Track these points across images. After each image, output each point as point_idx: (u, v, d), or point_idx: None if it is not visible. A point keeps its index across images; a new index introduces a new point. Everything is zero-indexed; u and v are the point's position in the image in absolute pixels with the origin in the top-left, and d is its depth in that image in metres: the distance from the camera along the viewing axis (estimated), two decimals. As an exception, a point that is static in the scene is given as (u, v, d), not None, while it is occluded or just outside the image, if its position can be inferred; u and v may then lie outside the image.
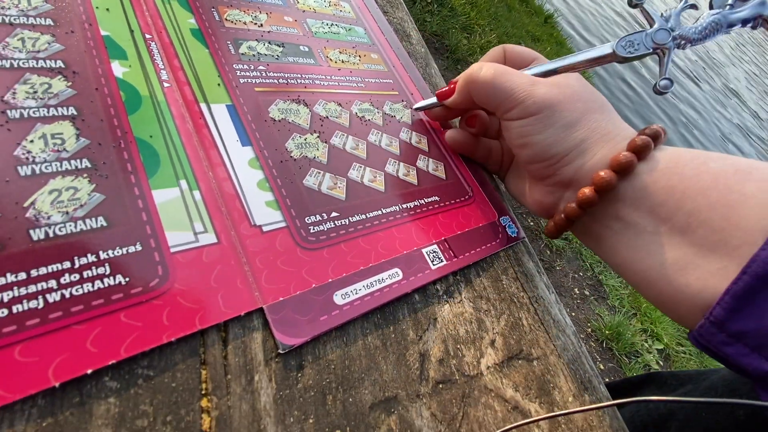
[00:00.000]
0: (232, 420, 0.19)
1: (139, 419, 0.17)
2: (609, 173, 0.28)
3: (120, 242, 0.20)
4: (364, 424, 0.21)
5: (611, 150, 0.29)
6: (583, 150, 0.30)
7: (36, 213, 0.19)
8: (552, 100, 0.30)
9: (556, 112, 0.30)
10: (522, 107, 0.30)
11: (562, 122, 0.30)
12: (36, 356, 0.16)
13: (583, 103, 0.30)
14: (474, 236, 0.33)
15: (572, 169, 0.30)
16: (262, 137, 0.28)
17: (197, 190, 0.23)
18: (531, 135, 0.31)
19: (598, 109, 0.31)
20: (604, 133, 0.30)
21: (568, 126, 0.30)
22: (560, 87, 0.30)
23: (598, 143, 0.30)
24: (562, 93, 0.30)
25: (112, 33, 0.26)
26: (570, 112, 0.30)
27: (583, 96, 0.31)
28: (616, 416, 0.31)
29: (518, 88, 0.30)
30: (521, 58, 0.37)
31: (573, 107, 0.30)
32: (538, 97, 0.30)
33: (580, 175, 0.30)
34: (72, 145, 0.21)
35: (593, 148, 0.30)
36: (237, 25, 0.33)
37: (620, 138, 0.30)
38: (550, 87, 0.30)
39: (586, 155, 0.30)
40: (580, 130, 0.30)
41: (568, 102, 0.30)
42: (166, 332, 0.19)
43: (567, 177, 0.31)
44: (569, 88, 0.31)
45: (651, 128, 0.29)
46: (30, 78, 0.22)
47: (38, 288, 0.17)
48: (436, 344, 0.26)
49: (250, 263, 0.23)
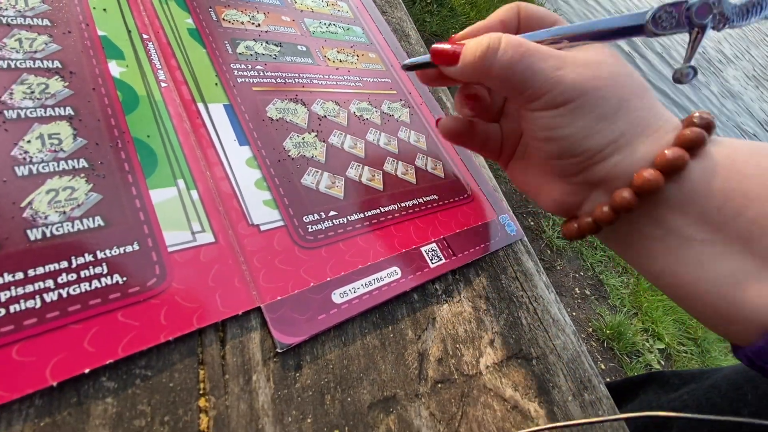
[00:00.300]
0: (230, 420, 0.19)
1: (136, 419, 0.17)
2: (654, 173, 0.24)
3: (117, 242, 0.20)
4: (362, 424, 0.21)
5: (656, 145, 0.25)
6: (622, 145, 0.26)
7: (33, 213, 0.19)
8: (585, 87, 0.25)
9: (591, 101, 0.25)
10: (549, 97, 0.26)
11: (597, 112, 0.25)
12: (33, 356, 0.16)
13: (621, 88, 0.26)
14: (473, 235, 0.32)
15: (606, 167, 0.26)
16: (260, 136, 0.28)
17: (195, 189, 0.23)
18: (559, 128, 0.26)
19: (638, 95, 0.26)
20: (646, 124, 0.26)
21: (604, 117, 0.25)
22: (594, 68, 0.26)
23: (640, 137, 0.26)
24: (596, 77, 0.25)
25: (109, 33, 0.26)
26: (606, 100, 0.25)
27: (621, 79, 0.26)
28: (616, 415, 0.31)
29: (544, 74, 0.26)
30: (539, 22, 0.30)
31: (610, 94, 0.25)
32: (568, 84, 0.25)
33: (615, 174, 0.26)
34: (69, 145, 0.21)
35: (634, 143, 0.25)
36: (234, 25, 0.33)
37: (665, 130, 0.25)
38: (583, 68, 0.25)
39: (624, 151, 0.26)
40: (619, 121, 0.25)
41: (604, 88, 0.25)
42: (164, 331, 0.19)
43: (599, 176, 0.27)
44: (605, 69, 0.26)
45: (701, 116, 0.25)
46: (27, 78, 0.22)
47: (36, 288, 0.17)
48: (435, 344, 0.26)
49: (247, 262, 0.22)
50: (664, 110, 0.27)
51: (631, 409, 0.47)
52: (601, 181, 0.27)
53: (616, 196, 0.25)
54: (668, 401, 0.43)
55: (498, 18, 0.30)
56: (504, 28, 0.30)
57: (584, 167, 0.27)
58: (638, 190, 0.24)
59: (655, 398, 0.46)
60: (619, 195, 0.25)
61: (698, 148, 0.24)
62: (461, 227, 0.32)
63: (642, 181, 0.24)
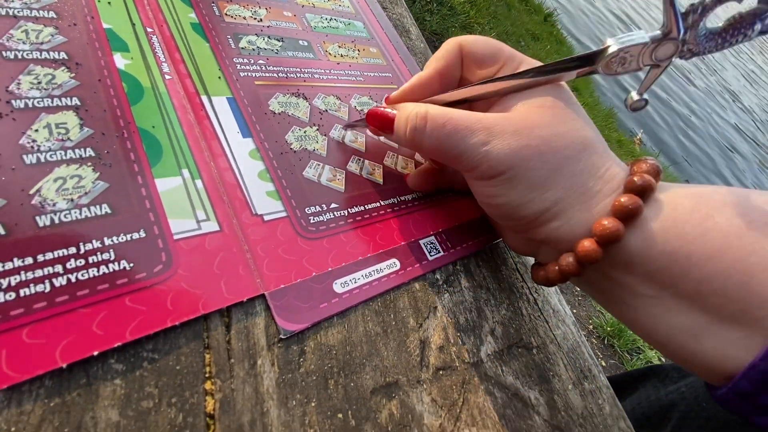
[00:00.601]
0: (236, 402, 0.19)
1: (144, 401, 0.17)
2: (592, 245, 0.24)
3: (124, 229, 0.20)
4: (365, 408, 0.21)
5: (593, 211, 0.25)
6: (558, 213, 0.25)
7: (41, 200, 0.19)
8: (512, 160, 0.24)
9: (519, 173, 0.24)
10: (478, 171, 0.25)
11: (528, 183, 0.25)
12: (43, 338, 0.17)
13: (552, 155, 0.24)
14: (471, 228, 0.33)
15: (546, 231, 0.26)
16: (263, 129, 0.28)
17: (199, 179, 0.24)
18: (495, 197, 0.26)
19: (574, 157, 0.25)
20: (583, 189, 0.25)
21: (536, 186, 0.25)
22: (524, 136, 0.24)
23: (576, 204, 0.25)
24: (526, 146, 0.24)
25: (114, 26, 0.27)
26: (536, 171, 0.24)
27: (554, 143, 0.24)
28: (616, 404, 0.31)
29: (471, 151, 0.25)
30: (482, 60, 0.28)
31: (541, 162, 0.24)
32: (494, 159, 0.24)
33: (557, 238, 0.26)
34: (76, 135, 0.22)
35: (570, 210, 0.25)
36: (237, 20, 0.34)
37: (604, 193, 0.25)
38: (512, 138, 0.24)
39: (561, 218, 0.25)
40: (552, 189, 0.25)
41: (533, 158, 0.24)
42: (170, 316, 0.19)
43: (541, 237, 0.27)
44: (536, 135, 0.24)
45: (642, 176, 0.24)
46: (34, 69, 0.22)
47: (45, 272, 0.18)
48: (437, 332, 0.26)
49: (251, 251, 0.23)
50: (606, 163, 0.25)
51: (630, 402, 0.47)
52: (545, 241, 0.27)
53: (562, 261, 0.26)
54: (666, 393, 0.43)
55: (437, 69, 0.28)
56: (443, 81, 0.29)
57: (526, 229, 0.27)
58: (580, 260, 0.24)
59: (654, 391, 0.46)
60: (565, 259, 0.26)
61: (635, 217, 0.23)
62: (460, 221, 0.33)
63: (582, 251, 0.24)
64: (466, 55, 0.28)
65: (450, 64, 0.28)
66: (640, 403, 0.46)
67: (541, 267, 0.28)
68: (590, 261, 0.24)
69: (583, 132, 0.25)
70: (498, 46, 0.28)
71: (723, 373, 0.23)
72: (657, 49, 0.23)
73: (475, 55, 0.28)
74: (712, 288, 0.22)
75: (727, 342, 0.22)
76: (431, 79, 0.28)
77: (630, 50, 0.23)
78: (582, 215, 0.25)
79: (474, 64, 0.28)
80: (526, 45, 3.06)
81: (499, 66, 0.28)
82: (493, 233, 0.34)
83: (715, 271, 0.22)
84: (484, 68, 0.28)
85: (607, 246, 0.24)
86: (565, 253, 0.26)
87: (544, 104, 0.25)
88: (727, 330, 0.22)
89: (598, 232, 0.23)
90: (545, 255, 0.28)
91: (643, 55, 0.23)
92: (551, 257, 0.28)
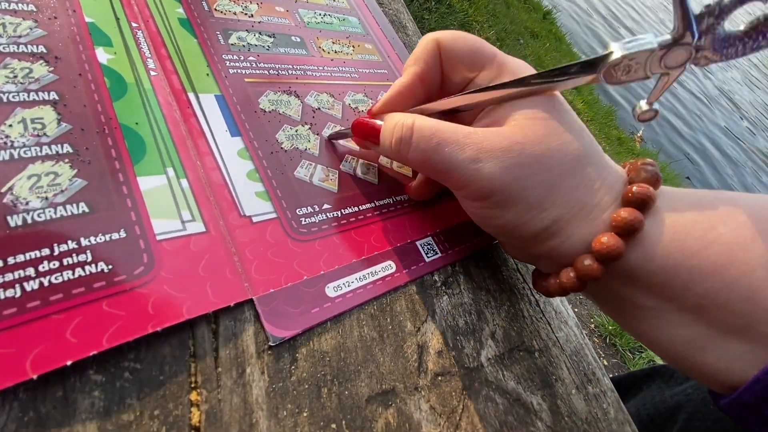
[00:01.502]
0: (223, 414, 0.18)
1: (125, 413, 0.16)
2: (592, 262, 0.23)
3: (103, 229, 0.19)
4: (360, 418, 0.20)
5: (592, 227, 0.24)
6: (556, 231, 0.24)
7: (14, 198, 0.18)
8: (505, 180, 0.23)
9: (513, 194, 0.23)
10: (469, 191, 0.24)
11: (524, 203, 0.23)
12: (12, 347, 0.15)
13: (547, 172, 0.23)
14: (470, 228, 0.32)
15: (545, 249, 0.25)
16: (252, 128, 0.27)
17: (185, 178, 0.22)
18: (489, 218, 0.25)
19: (569, 172, 0.23)
20: (581, 205, 0.24)
21: (532, 207, 0.23)
22: (516, 154, 0.23)
23: (574, 220, 0.24)
24: (518, 164, 0.23)
25: (97, 20, 0.26)
26: (533, 189, 0.23)
27: (548, 159, 0.23)
28: (621, 408, 0.30)
29: (460, 168, 0.23)
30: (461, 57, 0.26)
31: (535, 182, 0.23)
32: (485, 179, 0.23)
33: (557, 254, 0.25)
34: (53, 130, 0.20)
35: (568, 228, 0.24)
36: (227, 15, 0.33)
37: (601, 207, 0.24)
38: (503, 156, 0.23)
39: (560, 236, 0.24)
40: (549, 208, 0.23)
41: (527, 177, 0.23)
42: (152, 321, 0.18)
43: (540, 254, 0.26)
44: (528, 152, 0.23)
45: (640, 187, 0.23)
46: (10, 63, 0.21)
47: (15, 276, 0.16)
48: (435, 336, 0.25)
49: (239, 253, 0.22)
50: (603, 174, 0.24)
51: (635, 404, 0.46)
52: (545, 257, 0.26)
53: (563, 276, 0.25)
54: (672, 395, 0.42)
55: (416, 74, 0.27)
56: (425, 85, 0.27)
57: (525, 246, 0.26)
58: (580, 277, 0.24)
59: (659, 392, 0.45)
60: (566, 275, 0.25)
61: (636, 232, 0.22)
62: (458, 221, 0.32)
63: (582, 269, 0.23)
64: (445, 55, 0.27)
65: (429, 67, 0.27)
66: (645, 404, 0.45)
67: (543, 278, 0.27)
68: (590, 279, 0.23)
69: (576, 143, 0.24)
70: (477, 45, 0.27)
71: (727, 383, 0.22)
72: (667, 56, 0.21)
73: (454, 55, 0.27)
74: (715, 302, 0.21)
75: (731, 355, 0.22)
76: (413, 84, 0.27)
77: (636, 57, 0.21)
78: (581, 231, 0.24)
79: (455, 63, 0.27)
80: (525, 43, 3.06)
81: (479, 68, 0.26)
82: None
83: (719, 285, 0.21)
84: (466, 67, 0.27)
85: (608, 263, 0.23)
86: (566, 268, 0.25)
87: (535, 116, 0.24)
88: (731, 343, 0.22)
89: (598, 248, 0.23)
90: (545, 266, 0.27)
91: (651, 63, 0.21)
92: (552, 269, 0.27)
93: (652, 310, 0.23)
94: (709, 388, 0.24)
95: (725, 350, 0.22)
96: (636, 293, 0.24)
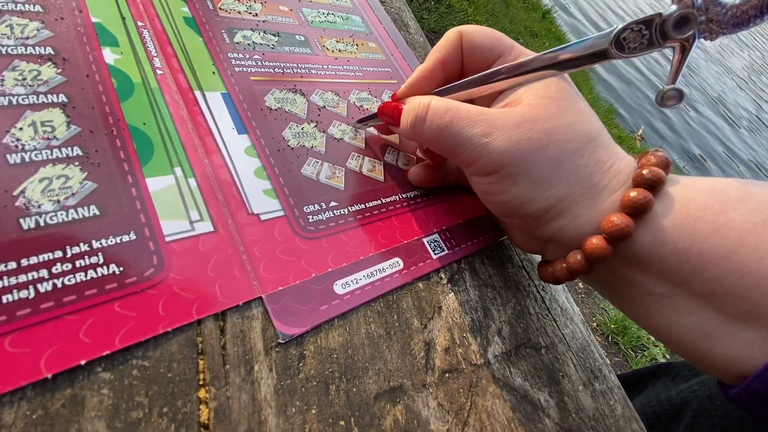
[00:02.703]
0: (231, 411, 0.18)
1: (133, 411, 0.16)
2: (601, 242, 0.23)
3: (113, 231, 0.19)
4: (368, 414, 0.21)
5: (600, 208, 0.24)
6: (563, 209, 0.24)
7: (26, 202, 0.18)
8: (513, 154, 0.23)
9: (521, 168, 0.24)
10: (478, 165, 0.25)
11: (531, 179, 0.24)
12: (27, 347, 0.16)
13: (556, 148, 0.23)
14: (477, 225, 0.32)
15: (552, 230, 0.25)
16: (259, 126, 0.27)
17: (192, 177, 0.23)
18: (496, 194, 0.25)
19: (578, 150, 0.24)
20: (589, 185, 0.24)
21: (539, 183, 0.24)
22: (526, 129, 0.23)
23: (582, 200, 0.24)
24: (527, 139, 0.23)
25: (103, 20, 0.26)
26: (538, 165, 0.23)
27: (559, 135, 0.24)
28: (628, 405, 0.30)
29: (471, 142, 0.24)
30: (482, 50, 0.28)
31: (542, 157, 0.23)
32: (495, 152, 0.23)
33: (564, 236, 0.25)
34: (63, 133, 0.21)
35: (575, 207, 0.24)
36: (231, 14, 0.33)
37: (611, 188, 0.24)
38: (513, 131, 0.23)
39: (567, 215, 0.24)
40: (556, 185, 0.24)
41: (535, 152, 0.23)
42: (162, 322, 0.18)
43: (548, 235, 0.26)
44: (538, 128, 0.23)
45: (650, 169, 0.23)
46: (19, 65, 0.22)
47: (29, 278, 0.17)
48: (442, 333, 0.25)
49: (248, 252, 0.22)
50: (612, 157, 0.25)
51: (640, 401, 0.46)
52: (552, 239, 0.26)
53: (570, 258, 0.25)
54: (678, 392, 0.42)
55: (438, 59, 0.28)
56: (445, 70, 0.28)
57: (531, 227, 0.26)
58: (589, 257, 0.24)
59: (665, 390, 0.45)
60: (573, 257, 0.25)
61: (646, 212, 0.22)
62: (465, 217, 0.32)
63: (590, 249, 0.23)
64: (466, 44, 0.28)
65: (451, 53, 0.28)
66: (650, 402, 0.45)
67: (549, 264, 0.27)
68: (599, 258, 0.23)
69: (587, 124, 0.25)
70: (497, 36, 0.28)
71: (736, 373, 0.22)
72: (673, 23, 0.21)
73: (475, 43, 0.28)
74: (724, 287, 0.21)
75: (740, 343, 0.21)
76: (434, 69, 0.28)
77: (639, 26, 0.21)
78: (589, 212, 0.24)
79: (475, 50, 0.28)
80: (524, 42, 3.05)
81: (497, 55, 0.28)
82: (499, 230, 0.33)
83: (728, 269, 0.21)
84: (483, 57, 0.28)
85: (617, 243, 0.23)
86: (574, 251, 0.25)
87: (547, 95, 0.25)
88: (740, 330, 0.21)
89: (607, 228, 0.23)
90: (552, 252, 0.28)
91: (658, 31, 0.21)
92: (559, 255, 0.27)
93: (661, 297, 0.23)
94: (718, 380, 0.24)
95: (735, 337, 0.21)
96: (645, 279, 0.24)
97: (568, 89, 0.25)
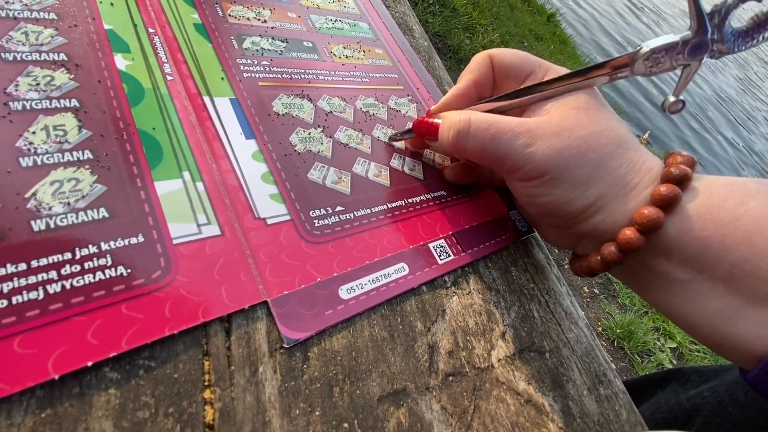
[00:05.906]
0: (236, 412, 0.18)
1: (140, 411, 0.17)
2: (634, 233, 0.25)
3: (122, 234, 0.20)
4: (372, 417, 0.21)
5: (633, 203, 0.26)
6: (601, 206, 0.26)
7: (37, 204, 0.19)
8: (557, 160, 0.25)
9: (563, 173, 0.26)
10: (522, 172, 0.27)
11: (572, 181, 0.26)
12: (36, 348, 0.16)
13: (594, 152, 0.26)
14: (482, 231, 0.32)
15: (590, 226, 0.27)
16: (266, 131, 0.28)
17: (200, 181, 0.23)
18: (538, 196, 0.27)
19: (613, 154, 0.26)
20: (623, 184, 0.26)
21: (579, 184, 0.26)
22: (566, 137, 0.25)
23: (617, 197, 0.26)
24: (567, 146, 0.25)
25: (116, 27, 0.26)
26: (579, 169, 0.26)
27: (594, 141, 0.26)
28: (633, 410, 0.30)
29: (515, 153, 0.26)
30: (512, 70, 0.30)
31: (582, 161, 0.26)
32: (539, 160, 0.26)
33: (600, 230, 0.27)
34: (74, 137, 0.21)
35: (612, 204, 0.26)
36: (240, 21, 0.33)
37: (643, 185, 0.26)
38: (554, 139, 0.26)
39: (604, 211, 0.26)
40: (595, 185, 0.26)
41: (575, 157, 0.25)
42: (169, 324, 0.18)
43: (584, 231, 0.28)
44: (576, 135, 0.26)
45: (678, 167, 0.25)
46: (33, 71, 0.22)
47: (38, 279, 0.17)
48: (446, 336, 0.25)
49: (254, 256, 0.22)
50: (642, 158, 0.27)
51: (648, 407, 0.46)
52: (588, 234, 0.28)
53: (604, 250, 0.27)
54: (687, 398, 0.42)
55: (472, 80, 0.30)
56: (478, 90, 0.31)
57: (569, 225, 0.28)
58: (621, 248, 0.26)
59: (674, 395, 0.45)
60: (607, 248, 0.27)
61: (674, 205, 0.25)
62: (470, 223, 0.32)
63: (624, 240, 0.25)
64: (497, 64, 0.30)
65: (483, 75, 0.30)
66: (660, 407, 0.45)
67: (582, 258, 0.30)
68: (632, 249, 0.25)
69: (618, 130, 0.27)
70: (525, 55, 0.30)
71: (755, 354, 0.23)
72: (688, 49, 0.24)
73: (506, 63, 0.30)
74: (745, 270, 0.23)
75: (759, 324, 0.23)
76: (468, 89, 0.30)
77: (662, 50, 0.24)
78: (623, 207, 0.26)
79: (504, 73, 0.30)
80: (529, 45, 3.04)
81: (527, 73, 0.30)
82: (504, 236, 0.33)
83: (748, 253, 0.23)
84: (514, 76, 0.30)
85: (648, 233, 0.25)
86: (607, 243, 0.27)
87: (578, 106, 0.27)
88: (759, 312, 0.23)
89: (639, 220, 0.25)
90: (584, 247, 0.30)
91: (675, 55, 0.25)
92: (590, 249, 0.29)
93: (686, 283, 0.25)
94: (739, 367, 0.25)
95: (754, 319, 0.23)
96: (670, 266, 0.25)
97: (596, 100, 0.28)
